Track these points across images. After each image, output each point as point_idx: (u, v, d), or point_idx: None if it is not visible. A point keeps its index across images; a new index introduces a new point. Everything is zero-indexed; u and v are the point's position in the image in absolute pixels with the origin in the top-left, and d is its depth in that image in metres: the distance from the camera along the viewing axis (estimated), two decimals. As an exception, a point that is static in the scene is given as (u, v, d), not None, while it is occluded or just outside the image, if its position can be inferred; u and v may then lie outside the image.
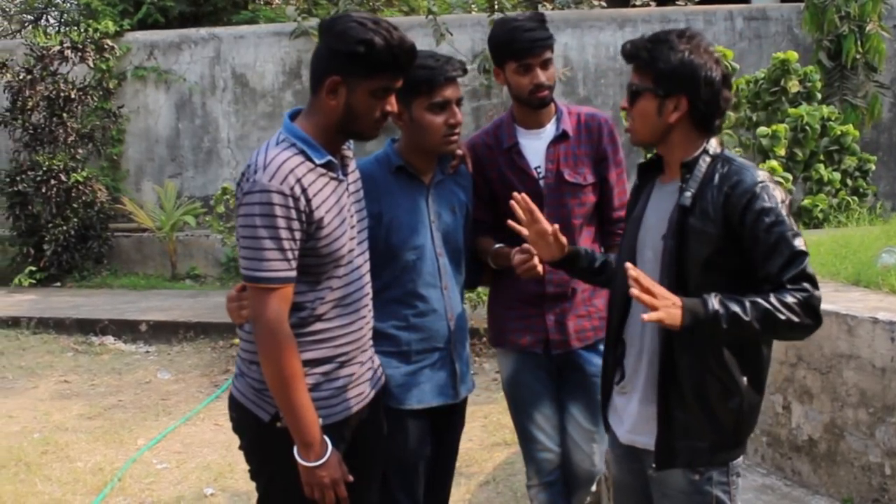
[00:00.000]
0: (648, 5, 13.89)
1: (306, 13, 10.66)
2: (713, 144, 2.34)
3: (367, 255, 2.57)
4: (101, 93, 10.61)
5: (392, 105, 2.41)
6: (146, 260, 10.84)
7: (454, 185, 2.96)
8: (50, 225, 10.16)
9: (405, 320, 2.84)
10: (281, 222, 2.26)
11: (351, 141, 2.56)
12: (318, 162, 2.35)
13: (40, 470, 5.00)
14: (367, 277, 2.56)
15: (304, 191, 2.29)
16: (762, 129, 6.04)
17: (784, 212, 2.22)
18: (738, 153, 6.18)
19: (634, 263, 2.38)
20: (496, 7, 9.60)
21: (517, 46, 2.90)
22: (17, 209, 10.23)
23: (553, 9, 14.99)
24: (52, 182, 10.04)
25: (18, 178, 10.14)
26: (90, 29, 10.62)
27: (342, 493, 2.40)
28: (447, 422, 2.99)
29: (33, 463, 5.10)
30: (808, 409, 3.52)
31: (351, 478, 2.43)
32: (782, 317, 2.13)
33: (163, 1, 11.74)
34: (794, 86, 6.29)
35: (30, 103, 10.12)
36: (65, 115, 10.23)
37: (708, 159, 2.31)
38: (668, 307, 2.13)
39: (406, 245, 2.82)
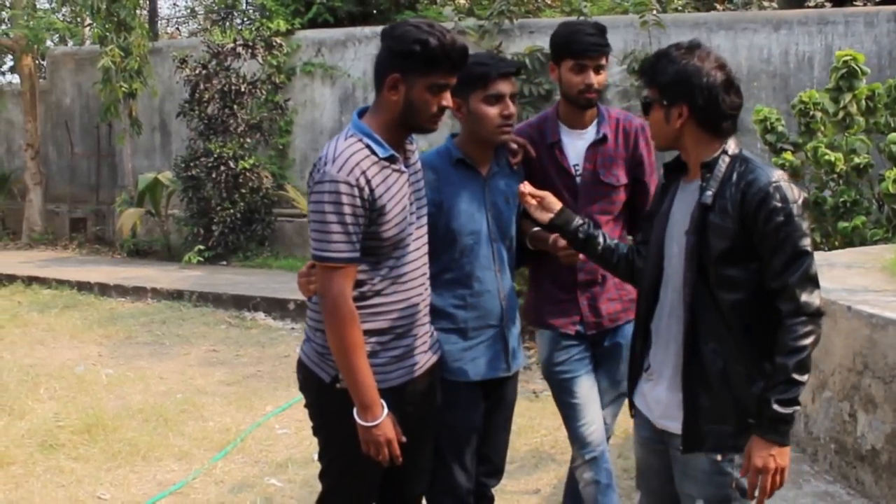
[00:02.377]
0: (823, 6, 13.35)
1: (466, 14, 11.02)
2: (731, 145, 2.49)
3: (424, 239, 2.84)
4: (269, 87, 11.36)
5: (448, 101, 2.67)
6: (305, 244, 11.44)
7: (509, 177, 3.18)
8: (219, 208, 11.00)
9: (462, 300, 3.09)
10: (347, 209, 2.55)
11: (413, 136, 2.83)
12: (381, 156, 2.63)
13: (176, 426, 5.54)
14: (425, 258, 2.84)
15: (368, 182, 2.57)
16: (893, 136, 5.81)
17: (796, 212, 2.36)
18: (866, 159, 6.01)
19: (662, 258, 2.58)
20: (661, 8, 9.59)
21: (576, 47, 3.13)
22: (191, 192, 11.14)
23: (724, 9, 14.70)
24: (222, 168, 10.86)
25: (193, 164, 11.02)
26: (262, 27, 11.40)
27: (395, 451, 2.67)
28: (499, 394, 3.21)
29: (171, 419, 5.64)
30: (872, 419, 3.49)
31: (404, 438, 2.69)
32: (802, 348, 2.34)
33: (332, 1, 12.41)
34: (935, 91, 6.03)
35: (206, 96, 10.99)
36: (236, 106, 11.04)
37: (727, 159, 2.46)
38: (771, 469, 2.35)
39: (465, 230, 3.07)
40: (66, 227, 13.67)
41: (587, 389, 3.27)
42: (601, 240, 2.84)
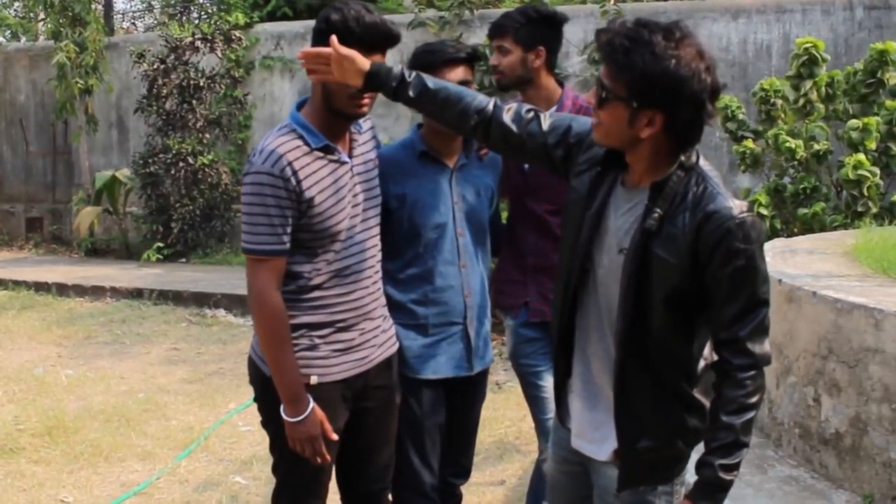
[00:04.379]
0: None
1: (426, 5, 10.97)
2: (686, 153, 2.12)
3: (373, 231, 2.79)
4: (228, 81, 11.25)
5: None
6: (266, 240, 11.39)
7: (480, 169, 3.12)
8: (178, 204, 10.87)
9: (423, 295, 3.02)
10: (271, 200, 2.53)
11: (362, 126, 2.78)
12: (314, 146, 2.60)
13: (138, 426, 5.47)
14: (372, 252, 2.78)
15: (294, 173, 2.54)
16: (852, 122, 5.88)
17: (758, 252, 2.06)
18: (825, 146, 6.07)
19: (590, 263, 2.24)
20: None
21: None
22: (149, 189, 11.00)
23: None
24: (181, 164, 10.74)
25: (151, 161, 10.89)
26: (221, 21, 11.28)
27: (320, 448, 2.63)
28: (464, 393, 3.16)
29: (133, 419, 5.57)
30: (836, 403, 3.51)
31: (335, 436, 2.66)
32: (753, 405, 2.08)
33: (290, -6, 12.34)
34: (892, 77, 6.09)
35: (163, 91, 10.85)
36: (194, 101, 10.91)
37: (681, 174, 2.09)
38: None
39: (428, 224, 2.99)
40: (22, 226, 13.43)
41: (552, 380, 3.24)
42: (425, 82, 2.44)
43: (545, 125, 2.38)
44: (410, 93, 2.44)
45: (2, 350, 7.40)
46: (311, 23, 11.00)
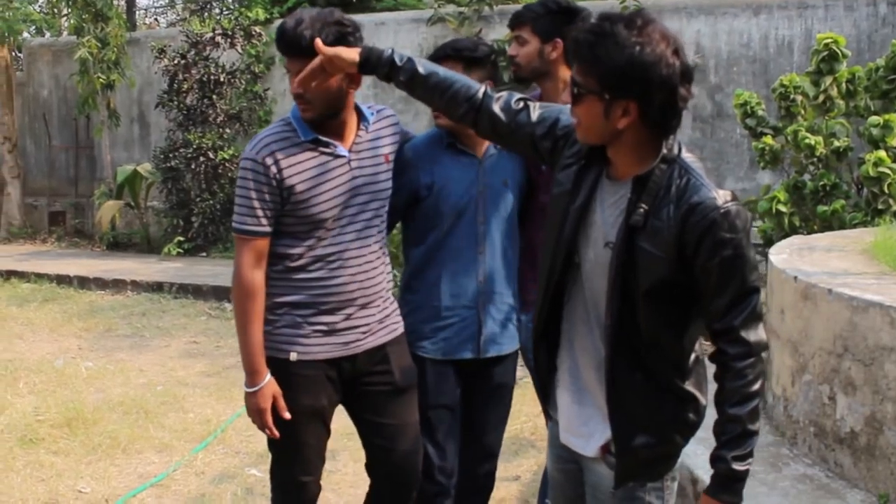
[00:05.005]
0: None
1: (445, 1, 10.97)
2: (668, 143, 2.11)
3: (372, 223, 2.87)
4: (248, 76, 11.30)
5: (293, 86, 2.68)
6: (286, 235, 11.45)
7: (507, 159, 3.16)
8: (198, 199, 10.96)
9: (438, 279, 3.10)
10: (252, 185, 2.72)
11: (370, 124, 2.86)
12: (303, 138, 2.74)
13: (156, 418, 5.51)
14: (367, 242, 2.86)
15: (276, 161, 2.70)
16: (873, 119, 5.81)
17: (745, 242, 2.06)
18: (845, 143, 6.02)
19: (576, 257, 2.23)
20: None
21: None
22: (170, 184, 11.09)
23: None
24: (202, 159, 10.82)
25: (172, 155, 10.99)
26: (241, 17, 11.34)
27: (267, 421, 2.79)
28: (482, 377, 3.21)
29: (151, 411, 5.62)
30: (852, 401, 3.49)
31: (287, 415, 2.78)
32: (756, 393, 2.08)
33: (312, -11, 12.37)
34: (913, 74, 6.03)
35: (184, 86, 10.94)
36: (215, 97, 10.99)
37: (663, 167, 2.08)
38: None
39: (452, 211, 3.08)
40: (45, 220, 13.57)
41: None
42: (416, 66, 2.45)
43: (534, 116, 2.38)
44: (401, 76, 2.48)
45: (23, 342, 7.48)
46: (331, 18, 10.77)
